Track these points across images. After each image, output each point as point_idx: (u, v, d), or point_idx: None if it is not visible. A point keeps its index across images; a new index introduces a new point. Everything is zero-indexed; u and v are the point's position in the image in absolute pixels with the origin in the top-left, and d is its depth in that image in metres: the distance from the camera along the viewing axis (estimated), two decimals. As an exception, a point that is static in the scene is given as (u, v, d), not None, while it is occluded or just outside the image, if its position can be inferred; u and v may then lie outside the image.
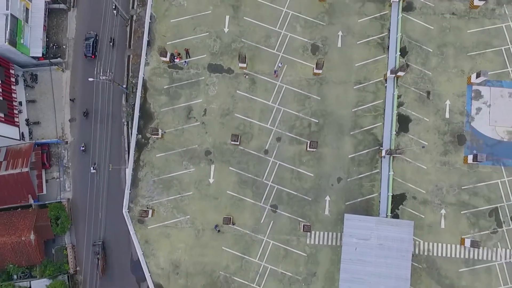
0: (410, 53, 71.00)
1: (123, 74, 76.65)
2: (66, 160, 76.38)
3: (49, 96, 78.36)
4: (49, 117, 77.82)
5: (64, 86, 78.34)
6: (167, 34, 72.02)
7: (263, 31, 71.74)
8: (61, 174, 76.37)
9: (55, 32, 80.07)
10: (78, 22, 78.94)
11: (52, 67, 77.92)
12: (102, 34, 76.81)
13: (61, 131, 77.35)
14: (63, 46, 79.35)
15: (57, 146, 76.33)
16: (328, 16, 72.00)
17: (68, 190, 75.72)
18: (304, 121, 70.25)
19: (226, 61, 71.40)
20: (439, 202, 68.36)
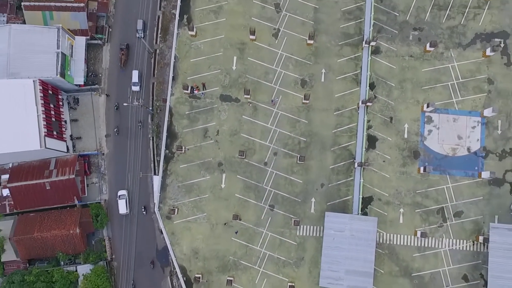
0: (378, 87, 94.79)
1: (148, 98, 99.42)
2: (103, 168, 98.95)
3: (89, 116, 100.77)
4: (89, 133, 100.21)
5: (101, 108, 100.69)
6: (187, 71, 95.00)
7: (263, 68, 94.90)
8: (99, 179, 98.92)
9: (92, 63, 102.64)
10: (111, 54, 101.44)
11: (92, 92, 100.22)
12: (132, 65, 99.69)
13: (99, 145, 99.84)
14: (99, 75, 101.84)
15: (96, 157, 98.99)
16: (314, 57, 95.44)
17: (105, 193, 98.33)
18: (295, 139, 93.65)
19: (234, 92, 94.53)
20: (398, 203, 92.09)
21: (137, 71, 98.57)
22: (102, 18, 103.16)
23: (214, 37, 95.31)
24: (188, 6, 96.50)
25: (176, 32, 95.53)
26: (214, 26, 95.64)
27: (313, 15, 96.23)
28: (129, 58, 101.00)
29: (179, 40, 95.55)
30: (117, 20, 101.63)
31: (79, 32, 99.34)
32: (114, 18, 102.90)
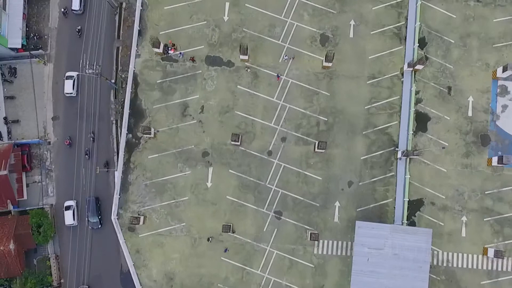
0: (430, 45, 67.61)
1: (111, 67, 72.96)
2: (49, 162, 72.95)
3: (30, 91, 74.75)
4: (30, 115, 74.25)
5: (46, 81, 74.69)
6: (160, 23, 68.46)
7: (266, 19, 68.18)
8: (43, 177, 73.02)
9: (36, 21, 76.29)
10: (62, 8, 75.02)
11: (33, 60, 74.15)
12: (88, 23, 72.88)
13: (43, 131, 73.89)
14: (45, 37, 75.56)
15: (38, 146, 72.90)
16: (339, 4, 68.56)
17: (51, 195, 72.45)
18: (312, 119, 66.86)
19: (225, 53, 67.87)
20: (460, 209, 65.39)
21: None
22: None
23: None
24: None
25: (145, -32, 68.91)
26: (197, -39, 69.02)
27: None
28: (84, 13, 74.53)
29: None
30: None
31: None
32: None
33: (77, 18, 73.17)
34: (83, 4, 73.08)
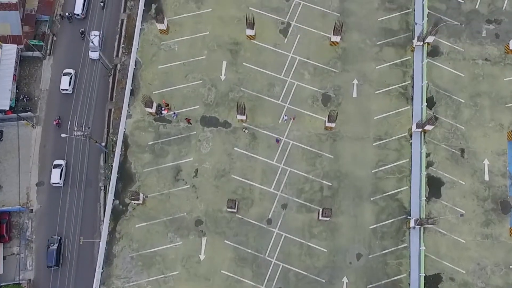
0: (439, 104, 64.32)
1: (102, 130, 69.51)
2: (29, 232, 67.53)
3: (15, 155, 70.70)
4: (13, 180, 69.84)
5: (33, 144, 70.92)
6: (154, 82, 65.71)
7: (265, 78, 65.53)
8: (22, 249, 67.24)
9: (26, 83, 73.96)
10: (54, 71, 72.68)
11: (20, 122, 70.92)
12: (79, 85, 70.32)
13: (26, 197, 69.00)
14: (35, 99, 72.81)
15: (19, 215, 67.64)
16: (341, 62, 66.07)
17: (30, 269, 66.32)
18: (315, 184, 62.21)
19: (222, 113, 64.53)
20: (482, 285, 59.15)
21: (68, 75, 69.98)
22: (45, 23, 75.70)
23: (194, 34, 67.03)
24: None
25: (139, 27, 67.16)
26: (195, 19, 67.62)
27: (339, 4, 67.97)
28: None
29: (143, 38, 67.21)
30: (65, 26, 73.47)
31: (9, 39, 72.89)
32: (62, 22, 75.12)
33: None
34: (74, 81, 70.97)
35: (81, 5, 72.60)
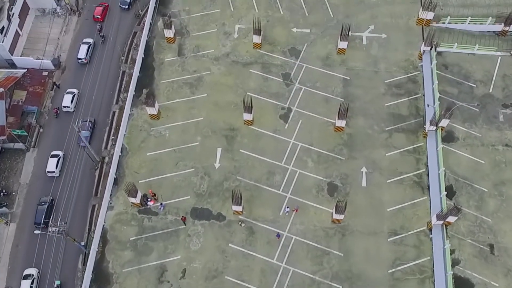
0: (459, 194, 58.50)
1: (84, 228, 62.98)
2: None
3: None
4: (-25, 283, 61.88)
5: (4, 244, 64.05)
6: (140, 170, 60.70)
7: (264, 166, 60.57)
8: None
9: (5, 176, 68.82)
10: (37, 165, 67.92)
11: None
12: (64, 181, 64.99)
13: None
14: (12, 193, 67.30)
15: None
16: (348, 149, 61.49)
17: None
18: (323, 286, 54.34)
19: (215, 205, 58.63)
20: None
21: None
22: (32, 114, 72.77)
23: (187, 119, 63.41)
24: (150, 78, 66.54)
25: (129, 113, 63.78)
26: (188, 104, 64.41)
27: (343, 89, 65.16)
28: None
29: (131, 123, 63.52)
30: (52, 119, 70.10)
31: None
32: (50, 115, 71.92)
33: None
34: (60, 164, 66.22)
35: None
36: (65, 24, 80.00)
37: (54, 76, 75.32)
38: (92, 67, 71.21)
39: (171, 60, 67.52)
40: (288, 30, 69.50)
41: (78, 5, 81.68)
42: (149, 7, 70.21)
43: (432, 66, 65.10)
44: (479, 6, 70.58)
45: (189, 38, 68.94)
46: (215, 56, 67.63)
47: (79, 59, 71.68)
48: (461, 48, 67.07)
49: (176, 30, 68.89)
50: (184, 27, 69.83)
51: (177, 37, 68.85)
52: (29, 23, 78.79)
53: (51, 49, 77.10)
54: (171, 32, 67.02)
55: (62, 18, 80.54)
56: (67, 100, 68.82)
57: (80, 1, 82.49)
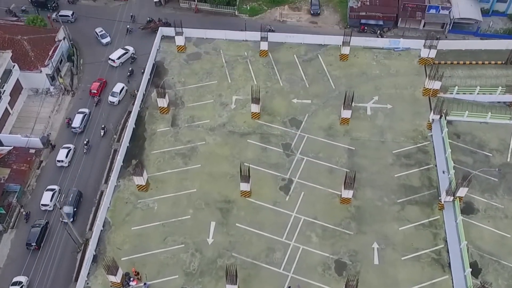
0: (485, 271, 52.40)
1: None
2: None
3: None
4: None
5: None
6: (124, 246, 55.05)
7: (263, 242, 55.09)
8: None
9: (-25, 259, 63.04)
10: (14, 247, 62.53)
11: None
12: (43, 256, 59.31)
13: None
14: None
15: None
16: (356, 223, 56.39)
17: None
18: None
19: (207, 285, 52.33)
20: None
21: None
22: (13, 193, 68.88)
23: (179, 191, 59.09)
24: (140, 148, 63.27)
25: (115, 184, 59.63)
26: (180, 176, 60.39)
27: (348, 159, 61.61)
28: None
29: (117, 196, 59.01)
30: (36, 198, 65.97)
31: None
32: (33, 194, 67.98)
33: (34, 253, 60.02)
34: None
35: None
36: (57, 103, 78.91)
37: (42, 154, 72.69)
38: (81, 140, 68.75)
39: (163, 130, 64.68)
40: (288, 101, 67.50)
41: (73, 85, 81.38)
42: (143, 78, 68.90)
43: (443, 135, 62.02)
44: (486, 77, 69.31)
45: (184, 108, 66.73)
46: (211, 127, 64.89)
47: (73, 128, 70.14)
48: (473, 116, 64.40)
49: (170, 101, 66.93)
50: (179, 97, 67.95)
51: (171, 107, 66.69)
52: (20, 102, 77.57)
53: (41, 128, 75.29)
54: (165, 102, 64.94)
55: (55, 97, 79.73)
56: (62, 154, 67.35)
57: (74, 81, 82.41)
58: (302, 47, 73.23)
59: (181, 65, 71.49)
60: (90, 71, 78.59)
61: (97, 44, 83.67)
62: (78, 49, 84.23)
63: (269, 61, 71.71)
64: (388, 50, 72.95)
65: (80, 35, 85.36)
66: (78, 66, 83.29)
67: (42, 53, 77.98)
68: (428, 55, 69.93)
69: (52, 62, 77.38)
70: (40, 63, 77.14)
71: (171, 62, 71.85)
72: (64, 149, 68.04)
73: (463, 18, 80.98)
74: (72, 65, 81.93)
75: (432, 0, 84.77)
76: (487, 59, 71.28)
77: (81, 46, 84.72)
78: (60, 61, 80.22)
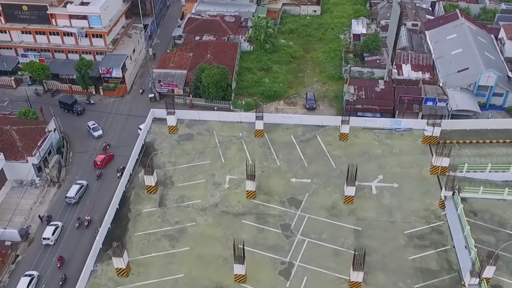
0: None
1: None
2: None
3: None
4: None
5: None
6: None
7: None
8: None
9: None
10: None
11: None
12: None
13: None
14: None
15: None
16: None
17: None
18: None
19: None
20: None
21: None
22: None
23: (164, 276, 51.32)
24: (123, 230, 56.24)
25: (91, 269, 51.67)
26: (166, 259, 52.85)
27: (354, 240, 54.74)
28: None
29: (93, 281, 50.85)
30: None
31: None
32: (8, 285, 60.48)
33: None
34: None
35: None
36: (41, 195, 73.73)
37: (19, 248, 66.18)
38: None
39: (150, 211, 58.12)
40: (286, 180, 61.88)
41: (60, 176, 76.91)
42: (130, 157, 63.79)
43: (458, 212, 55.68)
44: (497, 155, 64.70)
45: (173, 188, 60.79)
46: (202, 207, 58.47)
47: (68, 197, 68.87)
48: (488, 193, 58.55)
49: (159, 181, 61.20)
50: (169, 177, 62.29)
51: (160, 187, 60.72)
52: (3, 194, 72.41)
53: (21, 220, 69.30)
54: (152, 180, 59.13)
55: (40, 189, 74.75)
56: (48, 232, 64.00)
57: (62, 173, 78.06)
58: (300, 128, 69.37)
59: (172, 145, 66.87)
60: (80, 163, 76.16)
61: (88, 137, 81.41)
62: (68, 142, 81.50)
63: (265, 141, 67.33)
64: (390, 131, 68.97)
65: (72, 128, 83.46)
66: (67, 158, 79.85)
67: (30, 144, 74.72)
68: (432, 133, 65.82)
69: (40, 152, 73.57)
70: (27, 153, 73.22)
71: (161, 143, 67.32)
72: (51, 226, 64.20)
73: (461, 110, 78.94)
74: (61, 157, 78.26)
75: (429, 93, 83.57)
76: (495, 138, 67.20)
77: (72, 138, 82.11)
78: (48, 152, 76.68)
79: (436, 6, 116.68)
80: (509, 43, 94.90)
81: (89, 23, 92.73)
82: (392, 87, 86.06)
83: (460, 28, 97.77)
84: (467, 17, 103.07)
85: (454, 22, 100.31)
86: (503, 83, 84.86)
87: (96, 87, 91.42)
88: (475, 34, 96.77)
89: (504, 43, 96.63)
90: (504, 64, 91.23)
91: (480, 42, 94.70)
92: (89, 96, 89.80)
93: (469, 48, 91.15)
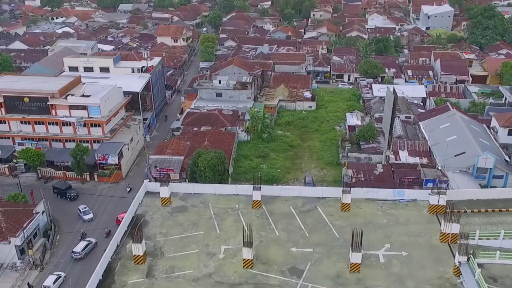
0: None
1: None
2: None
3: None
4: None
5: None
6: None
7: None
8: None
9: None
10: None
11: None
12: None
13: None
14: None
15: None
16: None
17: None
18: None
19: None
20: None
21: None
22: None
23: None
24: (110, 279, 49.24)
25: None
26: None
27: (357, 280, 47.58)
28: None
29: None
30: None
31: None
32: None
33: None
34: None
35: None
36: (20, 279, 67.25)
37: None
38: None
39: (136, 282, 51.39)
40: (286, 250, 55.94)
41: (43, 260, 71.03)
42: (118, 228, 58.37)
43: (476, 278, 49.31)
44: (508, 223, 59.52)
45: (163, 259, 54.56)
46: (194, 277, 51.88)
47: (73, 253, 68.13)
48: (506, 258, 52.53)
49: (148, 252, 55.21)
50: (159, 248, 56.26)
51: (149, 258, 54.57)
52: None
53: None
54: (141, 249, 53.18)
55: (20, 272, 68.42)
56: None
57: (46, 256, 72.28)
58: (299, 199, 64.79)
59: (164, 217, 61.74)
60: (67, 246, 71.05)
61: (78, 220, 77.06)
62: (56, 225, 76.82)
63: (263, 212, 62.40)
64: (393, 201, 64.44)
65: (61, 212, 79.25)
66: (53, 241, 74.57)
67: (15, 225, 70.20)
68: (438, 202, 61.28)
69: (24, 233, 68.47)
70: (10, 234, 68.14)
71: (153, 214, 62.22)
72: (53, 275, 63.30)
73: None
74: (46, 240, 72.96)
75: (428, 175, 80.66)
76: (504, 207, 62.52)
77: (60, 222, 77.49)
78: (34, 234, 71.52)
79: (427, 102, 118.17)
80: (502, 130, 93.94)
81: (88, 113, 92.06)
82: (390, 171, 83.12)
83: (452, 118, 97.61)
84: (458, 109, 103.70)
85: (447, 113, 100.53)
86: (502, 166, 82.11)
87: (91, 173, 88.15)
88: (468, 123, 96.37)
89: (497, 130, 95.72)
90: (500, 150, 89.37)
91: (473, 129, 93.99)
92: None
93: (463, 135, 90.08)
